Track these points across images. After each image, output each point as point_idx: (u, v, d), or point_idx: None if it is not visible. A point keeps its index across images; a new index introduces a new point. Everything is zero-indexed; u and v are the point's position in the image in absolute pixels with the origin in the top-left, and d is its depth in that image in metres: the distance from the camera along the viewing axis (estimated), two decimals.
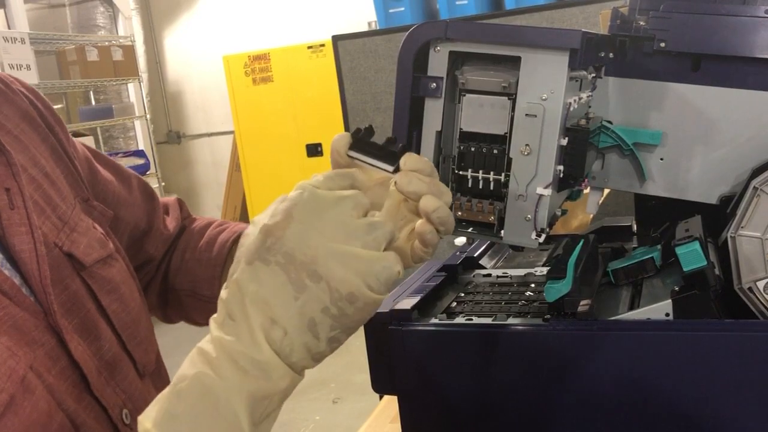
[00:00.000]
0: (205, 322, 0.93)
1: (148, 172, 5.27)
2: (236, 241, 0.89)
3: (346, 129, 3.83)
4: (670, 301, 0.75)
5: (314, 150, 5.17)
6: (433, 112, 0.81)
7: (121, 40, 5.85)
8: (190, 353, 0.55)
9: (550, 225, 0.83)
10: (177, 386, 0.53)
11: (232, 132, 5.64)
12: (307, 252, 0.55)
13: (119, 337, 0.68)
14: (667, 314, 0.75)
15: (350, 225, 0.56)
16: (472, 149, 0.80)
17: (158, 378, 0.76)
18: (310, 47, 5.07)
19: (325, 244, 0.55)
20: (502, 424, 0.79)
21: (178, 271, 0.92)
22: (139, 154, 5.32)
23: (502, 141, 0.79)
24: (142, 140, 5.89)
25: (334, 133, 0.68)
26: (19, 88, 0.75)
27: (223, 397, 0.51)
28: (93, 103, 5.89)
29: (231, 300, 0.54)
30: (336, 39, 3.80)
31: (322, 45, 4.96)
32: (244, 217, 5.70)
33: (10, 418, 0.51)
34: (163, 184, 5.61)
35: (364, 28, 4.76)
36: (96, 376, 0.62)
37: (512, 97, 0.78)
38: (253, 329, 0.53)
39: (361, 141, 0.67)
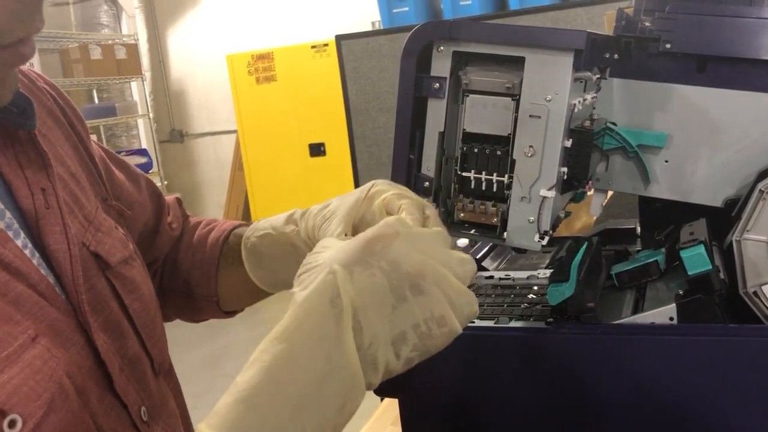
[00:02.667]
0: (201, 320, 0.93)
1: (150, 171, 5.28)
2: (227, 238, 0.89)
3: (349, 129, 3.83)
4: (674, 305, 0.75)
5: (317, 149, 5.17)
6: (436, 113, 0.81)
7: (124, 39, 5.85)
8: (261, 351, 0.53)
9: (554, 227, 0.82)
10: (242, 392, 0.51)
11: (235, 131, 5.65)
12: (414, 265, 0.55)
13: (139, 336, 0.68)
14: (672, 318, 0.75)
15: (446, 254, 0.57)
16: (475, 150, 0.79)
17: (170, 377, 0.76)
18: (313, 47, 5.07)
19: (431, 262, 0.55)
20: (505, 427, 0.78)
21: (173, 271, 0.92)
22: (142, 152, 5.33)
23: (506, 142, 0.78)
24: (144, 139, 5.90)
25: (337, 133, 0.71)
26: (42, 85, 0.75)
27: (298, 401, 0.50)
28: (96, 101, 5.90)
29: (321, 297, 0.53)
30: (339, 38, 3.80)
31: (326, 44, 4.96)
32: (247, 217, 5.70)
33: (52, 419, 0.51)
34: (165, 182, 5.62)
35: (368, 27, 4.75)
36: (119, 374, 0.62)
37: (516, 97, 0.77)
38: (344, 331, 0.52)
39: None
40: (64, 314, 0.58)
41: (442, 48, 0.79)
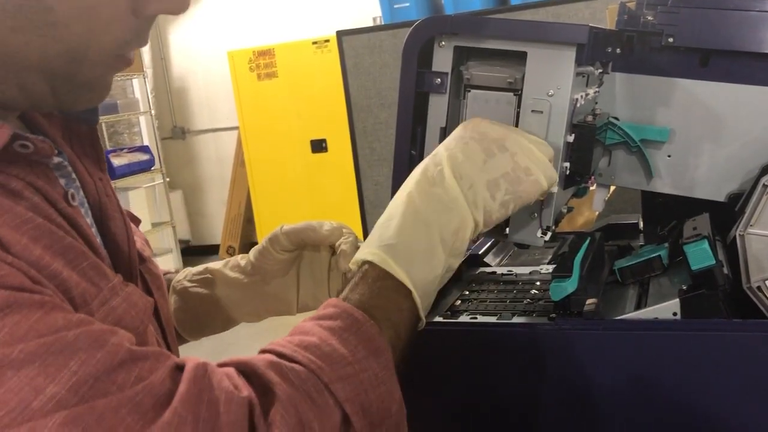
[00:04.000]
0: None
1: (152, 168, 5.27)
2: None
3: (351, 125, 3.83)
4: (677, 300, 0.74)
5: (319, 146, 5.16)
6: (438, 108, 0.80)
7: None
8: (391, 203, 0.69)
9: (556, 223, 0.82)
10: (383, 223, 0.67)
11: (236, 128, 5.64)
12: (498, 132, 0.72)
13: (162, 329, 0.71)
14: (675, 313, 0.74)
15: (527, 136, 0.74)
16: None
17: None
18: (314, 43, 5.06)
19: (514, 133, 0.73)
20: (507, 423, 0.78)
21: None
22: (144, 149, 5.31)
23: None
24: (146, 136, 5.89)
25: (338, 129, 0.85)
26: None
27: (427, 225, 0.66)
28: None
29: (430, 162, 0.70)
30: (341, 34, 3.79)
31: (327, 41, 4.94)
32: (249, 213, 5.70)
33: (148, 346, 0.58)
34: (167, 179, 5.61)
35: (369, 23, 4.75)
36: None
37: (518, 92, 0.77)
38: (448, 180, 0.68)
39: None
40: None
41: (443, 43, 0.78)
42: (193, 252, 6.27)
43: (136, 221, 0.83)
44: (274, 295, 0.90)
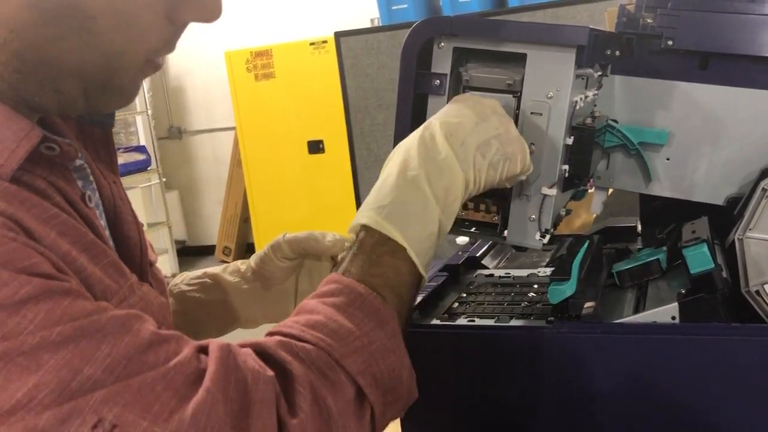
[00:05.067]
0: None
1: (149, 168, 5.26)
2: None
3: (348, 126, 3.82)
4: (676, 304, 0.74)
5: (316, 147, 5.16)
6: (437, 110, 0.80)
7: None
8: (387, 164, 0.70)
9: (555, 225, 0.82)
10: (382, 181, 0.67)
11: (233, 128, 5.63)
12: (489, 102, 0.74)
13: None
14: (674, 317, 0.74)
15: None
16: None
17: None
18: (312, 44, 5.05)
19: (497, 105, 0.75)
20: (505, 426, 0.78)
21: None
22: (141, 149, 5.30)
23: None
24: (143, 136, 5.88)
25: (335, 130, 0.85)
26: None
27: (419, 183, 0.66)
28: None
29: (424, 127, 0.70)
30: (338, 35, 3.79)
31: (325, 41, 4.94)
32: (246, 213, 5.69)
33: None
34: (164, 180, 5.60)
35: (367, 24, 4.74)
36: None
37: (517, 94, 0.76)
38: (439, 139, 0.68)
39: None
40: None
41: (442, 44, 0.78)
42: (189, 252, 6.25)
43: (138, 225, 0.83)
44: (273, 301, 0.90)
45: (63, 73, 0.54)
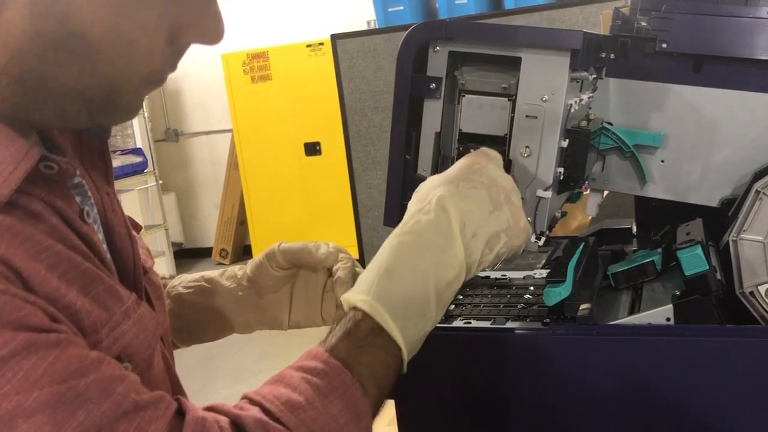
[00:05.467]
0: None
1: (145, 170, 5.26)
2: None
3: (345, 128, 3.82)
4: (671, 305, 0.74)
5: (312, 149, 5.16)
6: (432, 113, 0.80)
7: None
8: (387, 245, 0.67)
9: (550, 227, 0.82)
10: (380, 268, 0.65)
11: (230, 130, 5.63)
12: (505, 184, 0.72)
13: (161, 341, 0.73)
14: (668, 319, 0.75)
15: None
16: (472, 150, 0.79)
17: (171, 372, 0.80)
18: (308, 46, 5.06)
19: (513, 187, 0.73)
20: (501, 428, 0.78)
21: None
22: (137, 152, 5.30)
23: (502, 142, 0.78)
24: (140, 138, 5.87)
25: (332, 132, 0.83)
26: None
27: (425, 277, 0.65)
28: None
29: (436, 205, 0.67)
30: (335, 38, 3.79)
31: (321, 43, 4.94)
32: (242, 216, 5.69)
33: (153, 370, 0.62)
34: (160, 182, 5.59)
35: (363, 27, 4.74)
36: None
37: (512, 98, 0.77)
38: (455, 229, 0.67)
39: None
40: None
41: (438, 48, 0.78)
42: (186, 255, 6.25)
43: (137, 227, 0.83)
44: (267, 309, 0.90)
45: (65, 95, 0.54)
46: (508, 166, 0.77)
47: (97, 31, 0.52)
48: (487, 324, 0.81)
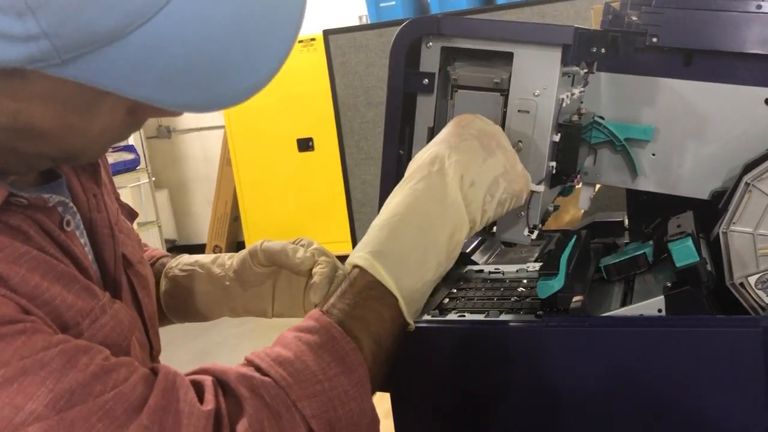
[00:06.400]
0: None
1: (138, 168, 5.24)
2: (153, 264, 0.96)
3: (338, 124, 3.83)
4: (662, 297, 0.75)
5: (305, 145, 5.16)
6: (425, 108, 0.81)
7: None
8: (387, 203, 0.69)
9: (543, 221, 0.83)
10: (379, 226, 0.67)
11: (222, 126, 5.62)
12: (494, 131, 0.73)
13: (146, 327, 0.75)
14: (660, 310, 0.75)
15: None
16: None
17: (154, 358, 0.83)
18: (300, 41, 5.05)
19: (501, 133, 0.74)
20: (495, 420, 0.79)
21: None
22: (129, 149, 5.28)
23: None
24: (132, 136, 5.87)
25: (325, 128, 0.85)
26: None
27: (422, 228, 0.66)
28: None
29: (431, 162, 0.69)
30: (327, 33, 3.79)
31: (313, 39, 4.94)
32: (235, 212, 5.68)
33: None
34: (153, 179, 5.58)
35: (355, 22, 4.74)
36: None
37: (504, 93, 0.77)
38: (450, 180, 0.68)
39: None
40: None
41: (430, 44, 0.79)
42: (179, 251, 6.18)
43: (134, 215, 0.85)
44: (252, 300, 0.92)
45: (30, 155, 0.56)
46: None
47: (48, 126, 0.53)
48: (481, 317, 0.82)
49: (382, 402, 1.11)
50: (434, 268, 0.67)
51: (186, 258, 0.96)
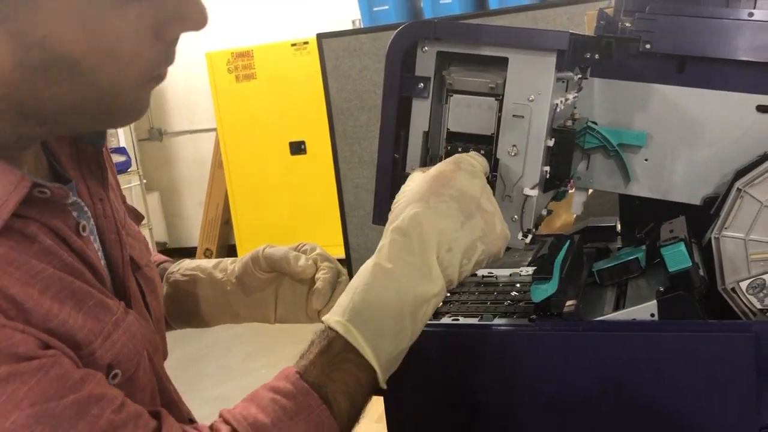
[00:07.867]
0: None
1: (129, 170, 5.23)
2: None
3: (331, 127, 3.82)
4: (655, 301, 0.76)
5: (297, 148, 5.15)
6: (421, 113, 0.81)
7: None
8: (365, 268, 0.68)
9: (537, 225, 0.83)
10: (357, 290, 0.66)
11: (214, 129, 5.61)
12: (474, 193, 0.71)
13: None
14: (653, 315, 0.76)
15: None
16: (460, 149, 0.80)
17: (158, 370, 0.81)
18: (293, 45, 5.05)
19: (486, 187, 0.72)
20: (488, 423, 0.79)
21: None
22: (121, 151, 5.26)
23: (489, 142, 0.79)
24: (123, 137, 5.83)
25: (317, 131, 0.86)
26: None
27: (399, 296, 0.65)
28: None
29: (409, 225, 0.68)
30: (320, 37, 3.79)
31: (306, 42, 4.94)
32: (227, 215, 5.67)
33: (138, 374, 0.65)
34: (144, 181, 5.56)
35: (348, 26, 4.74)
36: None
37: (499, 97, 0.78)
38: (427, 247, 0.67)
39: None
40: None
41: (426, 48, 0.79)
42: (170, 254, 6.15)
43: (140, 217, 0.86)
44: (254, 306, 0.91)
45: (64, 112, 0.56)
46: (495, 165, 0.78)
47: (78, 49, 0.53)
48: (474, 321, 0.82)
49: (375, 405, 1.11)
50: (409, 336, 0.67)
51: (187, 263, 0.95)
